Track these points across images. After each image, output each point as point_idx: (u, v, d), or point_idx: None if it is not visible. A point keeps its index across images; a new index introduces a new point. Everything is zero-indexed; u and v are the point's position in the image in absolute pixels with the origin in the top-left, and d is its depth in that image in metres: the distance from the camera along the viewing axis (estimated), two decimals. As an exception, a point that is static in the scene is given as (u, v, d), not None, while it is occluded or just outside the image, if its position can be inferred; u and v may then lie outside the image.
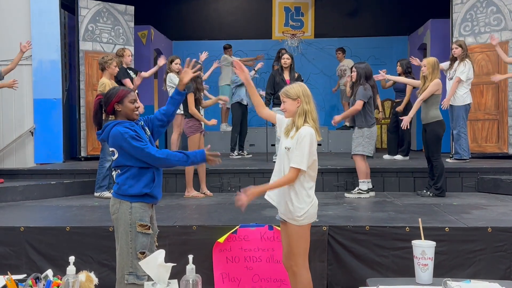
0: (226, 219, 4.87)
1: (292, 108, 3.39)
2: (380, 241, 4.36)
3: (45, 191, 6.64)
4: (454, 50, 7.39)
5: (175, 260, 2.60)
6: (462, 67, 7.26)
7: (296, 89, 3.43)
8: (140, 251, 3.25)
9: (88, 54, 8.76)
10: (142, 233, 3.26)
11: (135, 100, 3.34)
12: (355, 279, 4.22)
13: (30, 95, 8.29)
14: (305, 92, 3.41)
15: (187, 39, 12.16)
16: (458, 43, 7.47)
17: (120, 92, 3.32)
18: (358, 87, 6.13)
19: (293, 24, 12.42)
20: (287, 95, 3.41)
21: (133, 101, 3.32)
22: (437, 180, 6.03)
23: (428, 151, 6.07)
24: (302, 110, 3.37)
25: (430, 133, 5.97)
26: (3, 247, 4.59)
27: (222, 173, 6.89)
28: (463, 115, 7.37)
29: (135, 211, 3.27)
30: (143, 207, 3.29)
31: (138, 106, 3.38)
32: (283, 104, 3.44)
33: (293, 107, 3.38)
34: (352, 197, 6.15)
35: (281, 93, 3.46)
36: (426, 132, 6.05)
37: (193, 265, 2.11)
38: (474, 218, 4.76)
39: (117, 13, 9.16)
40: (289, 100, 3.39)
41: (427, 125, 6.00)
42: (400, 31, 11.88)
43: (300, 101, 3.38)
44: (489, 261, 4.22)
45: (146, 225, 3.27)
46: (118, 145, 3.23)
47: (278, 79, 7.68)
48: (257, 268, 4.39)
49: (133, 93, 3.37)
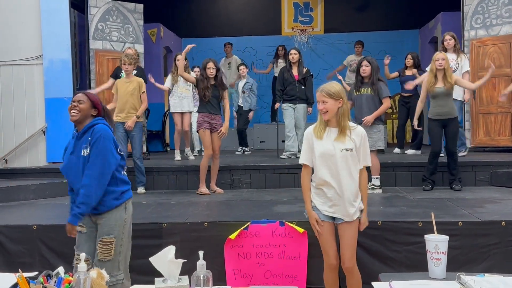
0: (237, 216, 4.86)
1: (334, 108, 3.34)
2: (393, 236, 4.34)
3: (57, 189, 6.69)
4: (448, 41, 7.28)
5: (187, 257, 2.59)
6: (465, 59, 7.24)
7: (338, 88, 3.39)
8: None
9: (99, 53, 8.80)
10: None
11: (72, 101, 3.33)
12: (367, 274, 4.19)
13: (41, 94, 8.35)
14: (344, 92, 3.41)
15: (197, 36, 12.14)
16: (451, 34, 7.36)
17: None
18: (378, 83, 5.98)
19: (302, 19, 12.37)
20: (329, 94, 3.33)
21: (71, 102, 3.34)
22: (458, 172, 6.14)
23: (452, 145, 6.00)
24: (345, 110, 3.36)
25: (457, 127, 6.00)
26: (16, 245, 4.63)
27: (233, 169, 6.89)
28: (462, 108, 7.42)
29: None
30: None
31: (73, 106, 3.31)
32: (323, 104, 3.34)
33: (335, 107, 3.34)
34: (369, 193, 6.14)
35: (322, 91, 3.35)
36: (449, 126, 5.94)
37: (204, 261, 2.10)
38: (487, 212, 4.71)
39: (127, 11, 9.18)
40: (331, 100, 3.33)
41: (453, 119, 5.94)
42: (411, 25, 11.77)
43: (342, 101, 3.35)
44: (503, 255, 4.18)
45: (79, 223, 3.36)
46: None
47: (286, 75, 7.65)
48: (268, 264, 4.38)
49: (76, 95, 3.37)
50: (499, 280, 2.33)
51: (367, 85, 6.00)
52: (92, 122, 3.32)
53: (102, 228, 3.32)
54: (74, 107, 3.29)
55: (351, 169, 3.36)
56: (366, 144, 3.40)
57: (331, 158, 3.34)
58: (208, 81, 6.23)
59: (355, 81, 6.19)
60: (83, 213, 3.23)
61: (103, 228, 3.32)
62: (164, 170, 7.05)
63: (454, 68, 7.25)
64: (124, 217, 3.39)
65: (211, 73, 6.20)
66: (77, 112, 3.29)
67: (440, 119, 5.95)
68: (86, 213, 3.28)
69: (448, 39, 7.31)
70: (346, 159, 3.34)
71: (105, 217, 3.32)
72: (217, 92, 6.26)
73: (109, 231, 3.31)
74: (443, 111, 5.92)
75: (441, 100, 5.91)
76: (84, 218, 3.32)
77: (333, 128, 3.39)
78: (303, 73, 7.70)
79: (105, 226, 3.32)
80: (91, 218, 3.36)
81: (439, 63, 5.86)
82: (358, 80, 6.07)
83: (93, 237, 3.36)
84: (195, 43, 6.65)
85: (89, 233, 3.36)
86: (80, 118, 3.30)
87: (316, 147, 3.40)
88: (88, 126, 3.30)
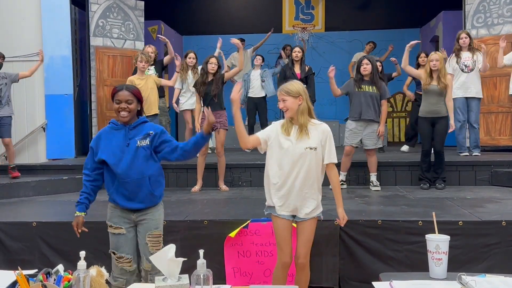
0: (237, 214, 4.86)
1: (294, 106, 3.35)
2: (393, 236, 4.33)
3: (57, 186, 6.68)
4: (464, 39, 7.29)
5: (186, 255, 2.58)
6: (481, 58, 7.23)
7: (297, 86, 3.41)
8: (110, 250, 3.37)
9: (99, 50, 8.78)
10: (110, 233, 3.37)
11: (120, 101, 3.23)
12: (367, 273, 4.19)
13: (41, 91, 8.34)
14: (304, 90, 3.43)
15: (197, 34, 12.15)
16: (466, 32, 7.39)
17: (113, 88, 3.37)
18: (381, 83, 6.10)
19: (303, 17, 12.35)
20: (288, 93, 3.36)
21: (118, 102, 3.25)
22: (442, 171, 6.20)
23: (439, 144, 6.04)
24: (305, 107, 3.36)
25: (446, 126, 6.01)
26: (16, 242, 4.62)
27: (233, 167, 6.88)
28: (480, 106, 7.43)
29: (108, 210, 3.40)
30: (112, 207, 3.37)
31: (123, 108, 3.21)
32: (283, 102, 3.36)
33: (294, 105, 3.35)
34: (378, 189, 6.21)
35: (281, 90, 3.38)
36: (437, 124, 6.02)
37: (204, 260, 2.09)
38: (488, 211, 4.70)
39: (127, 8, 9.16)
40: (291, 98, 3.35)
41: (442, 118, 5.99)
42: (412, 23, 11.76)
43: (301, 98, 3.37)
44: (504, 255, 4.17)
45: (111, 225, 3.34)
46: None
47: (288, 74, 7.62)
48: (268, 263, 4.37)
49: (121, 93, 3.25)
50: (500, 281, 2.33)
51: (368, 83, 6.06)
52: (141, 119, 3.33)
53: (148, 223, 3.32)
54: (123, 108, 3.22)
55: (312, 167, 3.35)
56: (331, 141, 3.40)
57: (292, 155, 3.34)
58: (206, 77, 6.20)
59: (355, 78, 6.19)
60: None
61: (150, 223, 3.32)
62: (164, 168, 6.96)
63: (472, 67, 7.26)
64: (163, 212, 3.45)
65: (212, 68, 6.18)
66: (127, 113, 3.23)
67: (430, 117, 6.03)
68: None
69: (463, 37, 7.32)
70: (310, 157, 3.34)
71: (150, 212, 3.33)
72: (214, 89, 6.23)
73: (157, 225, 3.35)
74: (433, 109, 5.99)
75: (433, 98, 5.98)
76: (120, 220, 3.32)
77: (296, 125, 3.40)
78: (306, 72, 7.68)
79: (152, 220, 3.33)
80: (130, 217, 3.32)
81: (433, 64, 5.95)
82: (358, 78, 6.09)
83: (132, 238, 3.35)
84: (195, 40, 6.65)
85: (127, 234, 3.34)
86: (130, 118, 3.27)
87: (281, 140, 3.38)
88: (138, 122, 3.30)
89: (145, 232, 3.31)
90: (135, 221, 3.34)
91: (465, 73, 7.31)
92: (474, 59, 7.27)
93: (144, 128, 3.30)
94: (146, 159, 3.26)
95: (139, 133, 3.27)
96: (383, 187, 6.45)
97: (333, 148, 3.41)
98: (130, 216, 3.33)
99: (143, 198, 3.29)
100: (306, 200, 3.39)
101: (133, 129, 3.28)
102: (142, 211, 3.32)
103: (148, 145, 3.25)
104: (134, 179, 3.24)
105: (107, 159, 3.24)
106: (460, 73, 7.33)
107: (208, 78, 6.21)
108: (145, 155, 3.25)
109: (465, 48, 7.31)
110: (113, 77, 8.84)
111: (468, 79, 7.28)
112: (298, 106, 3.35)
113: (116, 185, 3.29)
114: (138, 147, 3.23)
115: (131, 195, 3.27)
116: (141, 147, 3.24)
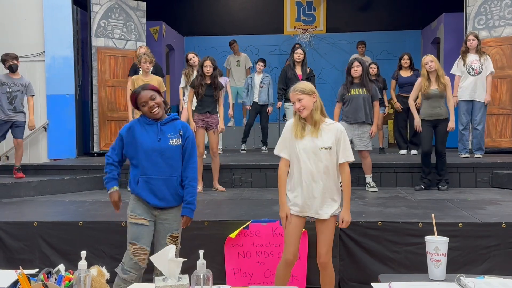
0: (237, 215, 4.87)
1: (310, 104, 3.35)
2: (393, 237, 4.33)
3: (58, 186, 6.70)
4: (472, 41, 7.27)
5: (187, 255, 2.60)
6: (488, 60, 7.25)
7: (309, 84, 3.44)
8: (129, 241, 3.34)
9: (101, 50, 8.80)
10: (131, 223, 3.35)
11: (146, 102, 3.30)
12: (367, 274, 4.20)
13: (43, 91, 8.35)
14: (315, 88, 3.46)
15: (199, 35, 12.17)
16: (474, 34, 7.35)
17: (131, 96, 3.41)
18: (371, 85, 6.17)
19: (304, 18, 12.36)
20: (303, 91, 3.36)
21: (144, 104, 3.31)
22: (445, 173, 6.21)
23: (441, 145, 6.06)
24: (319, 104, 3.38)
25: (446, 127, 6.03)
26: (17, 241, 4.63)
27: (234, 168, 6.89)
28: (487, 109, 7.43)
29: (131, 202, 3.39)
30: (136, 200, 3.37)
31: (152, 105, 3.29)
32: (299, 102, 3.34)
33: (311, 102, 3.36)
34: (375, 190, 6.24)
35: (295, 91, 3.36)
36: (439, 126, 6.05)
37: (204, 260, 2.10)
38: (488, 213, 4.70)
39: (129, 9, 9.18)
40: (307, 96, 3.35)
41: (443, 120, 6.01)
42: (413, 25, 11.76)
43: (315, 95, 3.38)
44: (503, 257, 4.18)
45: (134, 215, 3.34)
46: None
47: (290, 74, 7.63)
48: (268, 264, 4.38)
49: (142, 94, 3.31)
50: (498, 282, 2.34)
51: (358, 86, 6.12)
52: (172, 116, 3.38)
53: (171, 224, 3.35)
54: (152, 106, 3.28)
55: (329, 167, 3.36)
56: (346, 139, 3.41)
57: (310, 156, 3.36)
58: (203, 79, 6.24)
59: (345, 82, 6.22)
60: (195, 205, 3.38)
61: (172, 223, 3.36)
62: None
63: (479, 70, 7.25)
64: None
65: (208, 71, 6.21)
66: (158, 109, 3.30)
67: (431, 119, 6.05)
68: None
69: (471, 39, 7.29)
70: (325, 157, 3.35)
71: (172, 212, 3.36)
72: (212, 91, 6.26)
73: (178, 227, 3.39)
74: (434, 112, 6.02)
75: (434, 102, 6.01)
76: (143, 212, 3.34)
77: (310, 126, 3.40)
78: (307, 73, 7.69)
79: (174, 221, 3.36)
80: (153, 212, 3.35)
81: (429, 66, 5.98)
82: (349, 81, 6.14)
83: (151, 231, 3.37)
84: (197, 41, 6.67)
85: (149, 226, 3.35)
86: (162, 113, 3.34)
87: (297, 144, 3.40)
88: (169, 119, 3.35)
89: (166, 233, 3.35)
90: (157, 217, 3.37)
91: (472, 76, 7.29)
92: (481, 62, 7.26)
93: (175, 125, 3.36)
94: (175, 158, 3.30)
95: (170, 130, 3.32)
96: (384, 188, 6.46)
97: (348, 146, 3.42)
98: (153, 211, 3.36)
99: (168, 197, 3.32)
100: (325, 200, 3.40)
101: (164, 125, 3.33)
102: (165, 209, 3.35)
103: (179, 144, 3.32)
104: (162, 176, 3.28)
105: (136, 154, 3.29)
106: (467, 76, 7.32)
107: (205, 81, 6.26)
108: (175, 153, 3.30)
109: (472, 50, 7.29)
110: (114, 77, 8.86)
111: (474, 83, 7.27)
112: (313, 104, 3.37)
113: (142, 180, 3.31)
114: (170, 145, 3.29)
115: (157, 192, 3.30)
116: (173, 145, 3.29)
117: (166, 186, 3.29)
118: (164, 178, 3.28)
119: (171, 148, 3.29)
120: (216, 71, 6.32)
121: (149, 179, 3.28)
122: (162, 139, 3.28)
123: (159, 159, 3.27)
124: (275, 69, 11.57)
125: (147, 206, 3.34)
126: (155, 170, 3.27)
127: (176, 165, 3.31)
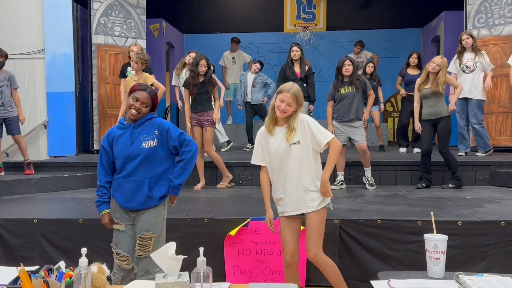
0: (237, 212, 4.88)
1: (291, 111, 3.38)
2: (392, 235, 4.34)
3: (58, 183, 6.70)
4: (466, 40, 7.28)
5: (187, 253, 2.60)
6: (487, 58, 7.24)
7: (302, 94, 3.46)
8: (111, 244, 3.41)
9: (101, 48, 8.79)
10: (114, 228, 3.40)
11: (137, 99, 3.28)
12: (366, 272, 4.21)
13: (43, 88, 8.35)
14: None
15: (199, 32, 12.16)
16: (468, 33, 7.37)
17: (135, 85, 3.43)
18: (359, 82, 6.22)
19: (305, 16, 12.36)
20: (297, 99, 3.38)
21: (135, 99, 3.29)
22: (455, 170, 6.16)
23: (443, 144, 6.06)
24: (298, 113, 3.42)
25: (446, 126, 6.03)
26: (17, 239, 4.64)
27: (234, 166, 6.90)
28: (483, 107, 7.41)
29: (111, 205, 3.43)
30: (114, 203, 3.39)
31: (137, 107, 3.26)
32: (288, 106, 3.35)
33: (293, 110, 3.39)
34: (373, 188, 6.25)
35: (291, 94, 3.35)
36: (438, 125, 6.05)
37: (204, 258, 2.11)
38: (487, 212, 4.71)
39: (129, 6, 9.17)
40: (295, 105, 3.38)
41: (442, 118, 6.01)
42: (413, 23, 11.76)
43: (301, 106, 3.43)
44: (502, 255, 4.19)
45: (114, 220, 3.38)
46: None
47: (288, 73, 7.60)
48: (268, 261, 4.39)
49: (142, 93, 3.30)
50: (497, 280, 2.35)
51: (347, 84, 6.17)
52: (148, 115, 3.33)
53: (142, 224, 3.30)
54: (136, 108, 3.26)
55: (302, 158, 3.38)
56: (312, 124, 3.40)
57: (282, 155, 3.39)
58: (198, 78, 6.27)
59: (335, 80, 6.24)
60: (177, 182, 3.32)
61: (143, 224, 3.30)
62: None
63: (473, 68, 7.26)
64: (163, 214, 3.40)
65: (203, 70, 6.25)
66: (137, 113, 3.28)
67: (430, 119, 6.07)
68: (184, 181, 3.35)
69: (465, 38, 7.30)
70: (296, 152, 3.37)
71: (148, 212, 3.31)
72: (205, 89, 6.29)
73: (149, 228, 3.30)
74: (432, 111, 6.04)
75: (431, 101, 6.04)
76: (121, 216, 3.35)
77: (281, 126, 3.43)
78: (305, 71, 7.68)
79: (146, 222, 3.30)
80: (130, 215, 3.34)
81: (433, 67, 5.98)
82: (339, 79, 6.18)
83: (131, 235, 3.34)
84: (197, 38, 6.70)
85: (127, 231, 3.34)
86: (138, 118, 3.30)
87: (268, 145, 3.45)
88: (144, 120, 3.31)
89: (137, 234, 3.32)
90: (134, 219, 3.35)
91: (466, 74, 7.31)
92: (476, 60, 7.27)
93: (150, 125, 3.30)
94: (150, 160, 3.26)
95: (144, 132, 3.28)
96: (383, 186, 6.47)
97: (320, 128, 3.40)
98: (129, 214, 3.35)
99: (140, 199, 3.28)
100: (306, 193, 3.41)
101: (138, 127, 3.29)
102: (139, 210, 3.32)
103: (154, 147, 3.26)
104: (134, 180, 3.26)
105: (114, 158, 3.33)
106: (461, 74, 7.34)
107: (199, 80, 6.28)
108: (150, 156, 3.25)
109: (468, 49, 7.31)
110: (114, 75, 8.85)
111: (468, 80, 7.28)
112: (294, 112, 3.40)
113: (116, 183, 3.33)
114: (143, 148, 3.24)
115: (128, 195, 3.28)
116: (146, 148, 3.25)
117: (138, 189, 3.26)
118: (137, 181, 3.25)
119: (143, 151, 3.23)
120: (210, 70, 6.38)
121: (121, 182, 3.29)
122: (135, 143, 3.25)
123: (132, 163, 3.25)
124: (275, 67, 11.56)
125: (123, 208, 3.35)
126: (127, 173, 3.26)
127: (151, 167, 3.26)
